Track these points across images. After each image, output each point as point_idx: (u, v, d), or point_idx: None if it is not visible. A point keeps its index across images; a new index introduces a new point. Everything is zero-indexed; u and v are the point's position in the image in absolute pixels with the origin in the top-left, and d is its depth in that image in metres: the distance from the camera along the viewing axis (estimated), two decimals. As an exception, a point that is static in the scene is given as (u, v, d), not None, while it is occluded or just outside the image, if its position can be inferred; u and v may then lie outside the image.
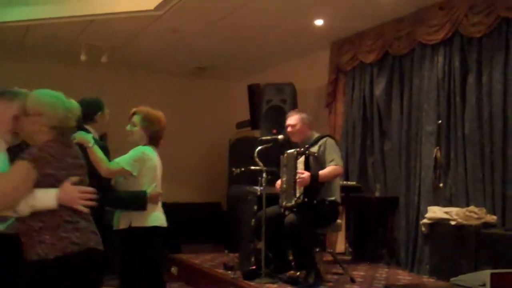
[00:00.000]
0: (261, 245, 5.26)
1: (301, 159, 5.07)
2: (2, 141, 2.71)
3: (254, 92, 8.19)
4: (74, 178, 2.48)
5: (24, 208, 2.41)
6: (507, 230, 5.01)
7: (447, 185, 5.87)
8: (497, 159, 5.36)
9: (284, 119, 7.22)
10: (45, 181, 2.43)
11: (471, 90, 5.67)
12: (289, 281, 5.14)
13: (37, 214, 2.43)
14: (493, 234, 4.97)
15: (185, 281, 6.35)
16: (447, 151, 5.89)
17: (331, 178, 5.14)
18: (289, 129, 5.39)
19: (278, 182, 5.39)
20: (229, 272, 5.65)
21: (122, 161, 3.75)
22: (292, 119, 5.38)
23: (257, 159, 5.33)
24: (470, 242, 5.11)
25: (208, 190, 9.70)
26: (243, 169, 6.30)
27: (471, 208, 5.32)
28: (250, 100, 8.29)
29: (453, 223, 5.29)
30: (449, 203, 5.77)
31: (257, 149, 5.37)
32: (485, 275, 3.86)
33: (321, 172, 5.03)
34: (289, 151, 5.27)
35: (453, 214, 5.36)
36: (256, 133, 7.81)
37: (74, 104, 2.66)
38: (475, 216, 5.19)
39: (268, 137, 5.72)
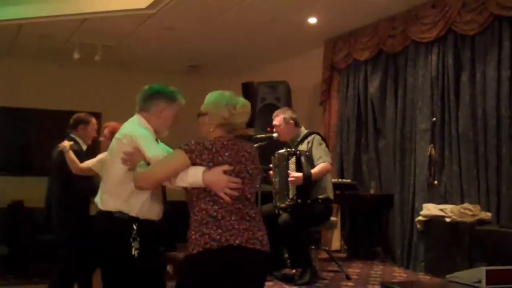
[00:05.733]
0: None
1: (293, 160, 5.06)
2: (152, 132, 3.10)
3: (248, 90, 8.18)
4: (225, 167, 2.65)
5: (179, 182, 2.70)
6: (501, 227, 5.04)
7: (441, 182, 5.89)
8: (491, 156, 5.38)
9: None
10: None
11: (465, 88, 5.68)
12: (284, 278, 5.15)
13: (192, 208, 2.72)
14: (488, 231, 5.00)
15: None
16: (442, 149, 5.91)
17: (321, 177, 5.14)
18: (274, 129, 5.41)
19: (271, 172, 5.37)
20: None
21: (90, 162, 4.59)
22: (276, 120, 5.40)
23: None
24: (465, 239, 5.14)
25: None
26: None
27: (466, 205, 5.34)
28: (244, 98, 8.25)
29: (448, 220, 5.31)
30: (443, 200, 5.80)
31: (252, 148, 5.36)
32: (480, 271, 3.86)
33: (312, 172, 5.03)
34: (279, 151, 5.25)
35: (448, 211, 5.38)
36: (251, 131, 7.79)
37: (240, 101, 2.85)
38: (470, 213, 5.21)
39: (263, 135, 5.72)
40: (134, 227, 2.94)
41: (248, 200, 2.73)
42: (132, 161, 2.91)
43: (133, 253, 2.91)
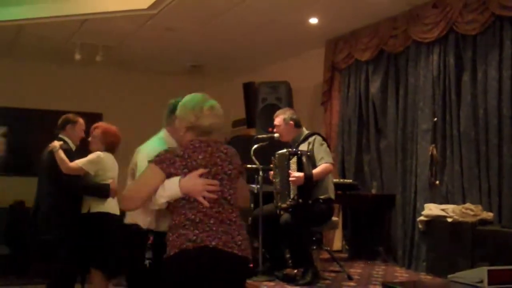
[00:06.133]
0: (258, 243, 5.26)
1: (294, 160, 5.05)
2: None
3: (250, 91, 8.19)
4: (201, 170, 2.60)
5: (159, 199, 2.64)
6: (503, 227, 5.04)
7: (443, 182, 5.88)
8: (493, 156, 5.37)
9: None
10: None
11: (466, 88, 5.68)
12: (286, 279, 5.15)
13: (172, 213, 2.67)
14: (490, 231, 4.99)
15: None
16: (443, 149, 5.90)
17: (322, 177, 5.13)
18: (275, 130, 5.41)
19: (271, 172, 5.37)
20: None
21: (80, 162, 4.72)
22: (276, 121, 5.40)
23: (253, 157, 5.33)
24: (466, 239, 5.13)
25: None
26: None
27: (468, 205, 5.33)
28: (246, 98, 8.29)
29: (449, 220, 5.31)
30: (445, 200, 5.79)
31: (253, 148, 5.37)
32: (482, 271, 3.86)
33: (313, 172, 5.03)
34: (280, 151, 5.24)
35: (450, 211, 5.37)
36: (252, 132, 7.81)
37: (208, 103, 2.75)
38: (472, 213, 5.20)
39: (264, 136, 5.72)
40: (150, 237, 3.00)
41: (228, 202, 2.66)
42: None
43: (145, 263, 2.98)
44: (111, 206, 4.89)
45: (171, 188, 2.60)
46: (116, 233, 4.90)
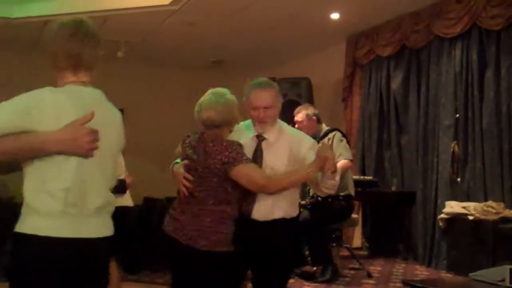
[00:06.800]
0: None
1: None
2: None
3: (270, 86, 8.16)
4: (185, 162, 2.85)
5: None
6: (525, 225, 4.97)
7: (464, 179, 5.82)
8: (516, 154, 5.31)
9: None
10: None
11: (489, 84, 5.61)
12: (305, 276, 5.15)
13: None
14: (511, 229, 4.93)
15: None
16: (465, 145, 5.84)
17: (341, 174, 5.09)
18: (296, 125, 5.39)
19: None
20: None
21: None
22: (298, 116, 5.38)
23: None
24: (488, 237, 5.08)
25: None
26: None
27: (489, 203, 5.28)
28: (266, 94, 8.27)
29: (471, 218, 5.26)
30: (466, 197, 5.73)
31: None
32: (504, 270, 3.82)
33: None
34: None
35: (471, 209, 5.32)
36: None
37: (207, 100, 2.87)
38: (493, 211, 5.15)
39: (284, 132, 5.70)
40: None
41: (196, 197, 2.78)
42: None
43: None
44: (125, 198, 4.97)
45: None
46: (132, 224, 4.97)
